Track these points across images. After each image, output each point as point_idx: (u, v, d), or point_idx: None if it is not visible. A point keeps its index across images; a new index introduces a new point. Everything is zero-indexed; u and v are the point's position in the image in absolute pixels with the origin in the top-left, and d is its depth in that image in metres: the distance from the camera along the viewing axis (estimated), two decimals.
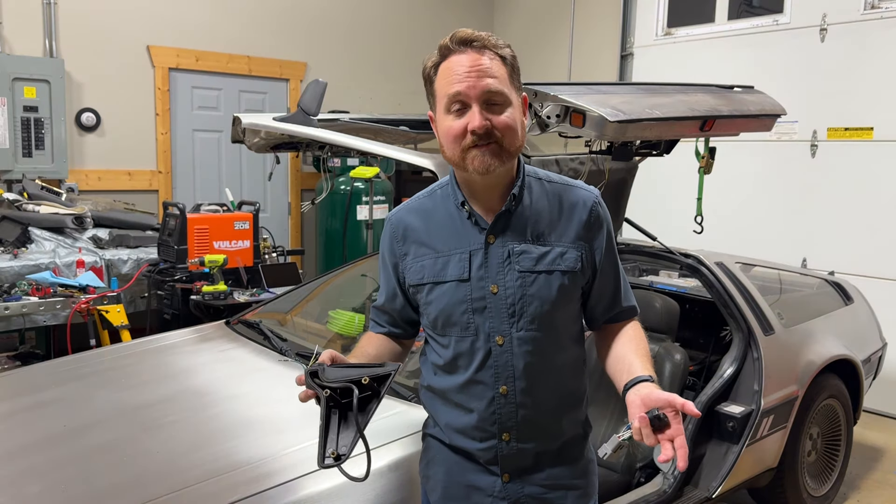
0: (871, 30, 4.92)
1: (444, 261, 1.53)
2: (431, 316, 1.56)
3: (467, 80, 1.41)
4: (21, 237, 4.38)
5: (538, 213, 1.53)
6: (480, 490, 1.57)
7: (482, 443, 1.54)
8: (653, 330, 3.00)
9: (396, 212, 1.65)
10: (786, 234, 5.34)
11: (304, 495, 1.84)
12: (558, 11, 6.97)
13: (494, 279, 1.50)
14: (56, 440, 2.12)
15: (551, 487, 1.57)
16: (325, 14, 6.55)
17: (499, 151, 1.44)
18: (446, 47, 1.46)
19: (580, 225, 1.54)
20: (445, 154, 1.50)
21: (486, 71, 1.42)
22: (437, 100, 1.49)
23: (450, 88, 1.43)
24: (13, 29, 5.07)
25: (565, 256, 1.52)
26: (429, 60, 1.50)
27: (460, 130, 1.43)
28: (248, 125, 3.29)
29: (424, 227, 1.58)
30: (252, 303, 3.84)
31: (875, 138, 4.92)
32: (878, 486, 3.78)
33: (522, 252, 1.50)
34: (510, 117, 1.45)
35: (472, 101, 1.42)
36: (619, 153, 2.79)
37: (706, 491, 2.75)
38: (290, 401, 2.38)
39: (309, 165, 6.52)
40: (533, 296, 1.50)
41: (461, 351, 1.54)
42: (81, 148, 5.41)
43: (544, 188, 1.56)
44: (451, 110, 1.44)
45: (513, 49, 1.50)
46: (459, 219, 1.54)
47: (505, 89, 1.45)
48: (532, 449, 1.54)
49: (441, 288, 1.53)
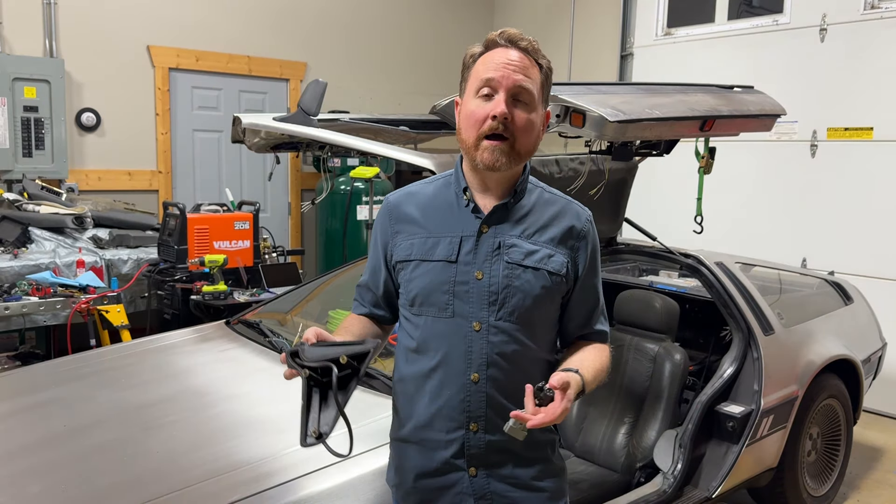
0: (871, 30, 4.92)
1: (434, 241, 1.58)
2: (411, 293, 1.59)
3: (504, 69, 1.48)
4: (21, 237, 4.38)
5: (533, 215, 1.59)
6: (448, 488, 1.59)
7: (449, 434, 1.56)
8: (653, 330, 3.00)
9: (395, 193, 1.69)
10: (786, 234, 5.34)
11: (304, 495, 1.85)
12: (558, 11, 6.97)
13: (481, 266, 1.54)
14: (56, 440, 2.12)
15: (517, 486, 1.59)
16: (325, 14, 6.55)
17: (509, 151, 1.50)
18: (493, 41, 1.53)
19: (570, 236, 1.60)
20: (461, 137, 1.55)
21: (522, 69, 1.50)
22: (468, 84, 1.54)
23: (484, 73, 1.50)
24: (13, 29, 5.07)
25: (553, 259, 1.57)
26: (471, 49, 1.56)
27: (482, 115, 1.49)
28: (248, 125, 3.28)
29: (421, 209, 1.62)
30: (252, 303, 3.84)
31: (875, 138, 4.93)
32: (878, 486, 3.78)
33: (513, 245, 1.55)
34: (530, 120, 1.51)
35: (502, 89, 1.48)
36: (619, 153, 2.79)
37: (706, 491, 2.75)
38: (290, 401, 2.39)
39: (309, 165, 6.52)
40: (517, 288, 1.54)
41: (435, 332, 1.56)
42: (81, 148, 5.41)
43: (543, 196, 1.63)
44: (480, 93, 1.50)
45: (551, 64, 1.57)
46: (458, 205, 1.59)
47: (535, 92, 1.51)
48: (499, 442, 1.55)
49: (426, 266, 1.57)
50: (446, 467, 1.58)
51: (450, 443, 1.57)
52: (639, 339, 3.00)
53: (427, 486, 1.60)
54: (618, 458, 2.82)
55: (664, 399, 2.85)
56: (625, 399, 2.94)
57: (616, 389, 2.98)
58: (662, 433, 2.78)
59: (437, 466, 1.59)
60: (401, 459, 1.65)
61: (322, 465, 1.94)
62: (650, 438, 2.80)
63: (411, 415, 1.61)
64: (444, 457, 1.58)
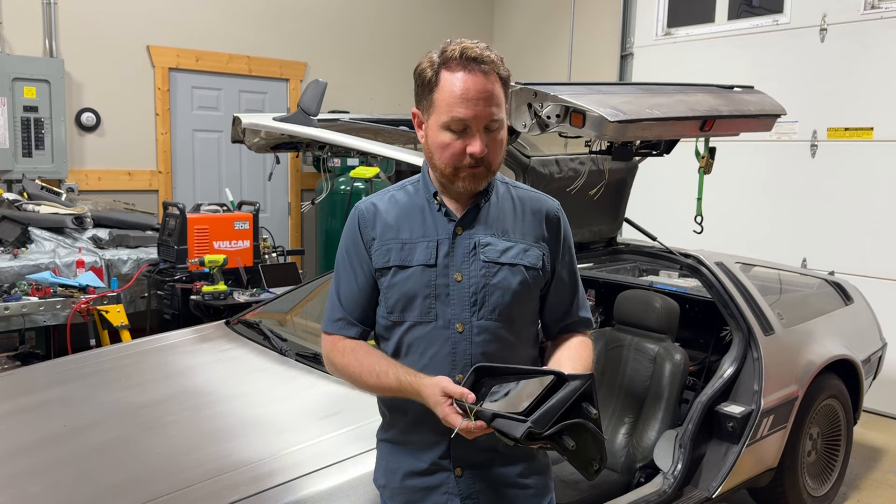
0: (871, 30, 4.92)
1: (410, 247, 1.57)
2: (391, 300, 1.58)
3: (475, 107, 1.46)
4: (21, 237, 4.38)
5: (504, 212, 1.61)
6: (435, 488, 1.59)
7: (436, 435, 1.56)
8: (653, 330, 3.00)
9: (364, 201, 1.68)
10: (786, 234, 5.34)
11: (304, 495, 1.85)
12: (558, 11, 6.97)
13: (459, 268, 1.55)
14: (56, 440, 2.13)
15: (503, 484, 1.60)
16: (325, 14, 6.55)
17: (486, 174, 1.54)
18: (454, 60, 1.47)
19: (542, 228, 1.63)
20: (433, 162, 1.55)
21: (492, 98, 1.48)
22: (435, 110, 1.50)
23: (456, 110, 1.47)
24: (13, 29, 5.07)
25: (528, 253, 1.59)
26: (428, 63, 1.51)
27: (459, 150, 1.49)
28: (248, 125, 3.29)
29: (393, 216, 1.61)
30: (252, 303, 3.84)
31: (875, 138, 4.92)
32: (878, 486, 3.78)
33: (488, 244, 1.57)
34: (501, 138, 1.53)
35: (475, 127, 1.48)
36: (619, 153, 2.79)
37: (706, 491, 2.75)
38: (290, 400, 2.40)
39: (309, 165, 6.52)
40: (495, 286, 1.55)
41: (418, 336, 1.56)
42: (81, 148, 5.41)
43: (510, 191, 1.65)
44: (452, 129, 1.49)
45: (507, 68, 1.55)
46: (429, 210, 1.60)
47: (503, 114, 1.52)
48: (484, 443, 1.54)
49: (406, 272, 1.56)
50: (433, 468, 1.59)
51: (436, 444, 1.57)
52: (639, 339, 3.00)
53: (414, 487, 1.61)
54: (618, 458, 2.82)
55: (664, 399, 2.85)
56: (625, 399, 2.94)
57: (616, 389, 2.98)
58: (662, 433, 2.78)
59: (423, 467, 1.59)
60: (388, 460, 1.65)
61: (322, 466, 1.94)
62: (650, 438, 2.80)
63: (398, 417, 1.62)
64: (431, 457, 1.58)
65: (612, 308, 3.24)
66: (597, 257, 3.32)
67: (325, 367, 2.52)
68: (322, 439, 2.08)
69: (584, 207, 3.03)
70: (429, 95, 1.52)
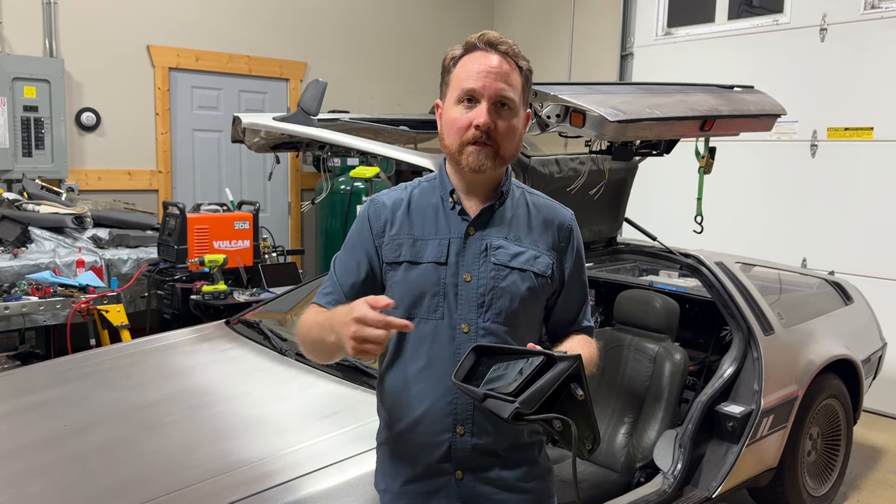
0: (871, 30, 4.92)
1: (421, 244, 1.57)
2: (399, 295, 1.56)
3: (485, 79, 1.48)
4: (21, 237, 4.38)
5: (518, 217, 1.60)
6: (435, 492, 1.58)
7: (436, 437, 1.55)
8: (653, 330, 3.00)
9: (380, 194, 1.67)
10: (786, 234, 5.34)
11: (304, 495, 1.85)
12: (558, 11, 6.97)
13: (469, 268, 1.55)
14: (56, 440, 2.12)
15: (504, 488, 1.58)
16: (325, 14, 6.55)
17: (494, 155, 1.51)
18: (472, 44, 1.52)
19: (554, 238, 1.62)
20: (444, 143, 1.55)
21: (504, 76, 1.50)
22: (450, 89, 1.54)
23: (466, 83, 1.49)
24: (13, 29, 5.07)
25: (538, 260, 1.58)
26: (451, 51, 1.55)
27: (465, 123, 1.49)
28: (248, 125, 3.28)
29: (405, 211, 1.60)
30: (252, 303, 3.84)
31: (875, 138, 4.92)
32: (878, 486, 3.78)
33: (499, 247, 1.56)
34: (513, 125, 1.52)
35: (484, 98, 1.48)
36: (619, 153, 2.79)
37: (706, 491, 2.75)
38: (290, 400, 2.40)
39: (309, 165, 6.51)
40: (504, 289, 1.54)
41: (422, 334, 1.55)
42: (81, 148, 5.41)
43: (525, 197, 1.64)
44: (461, 102, 1.50)
45: (530, 65, 1.57)
46: (443, 208, 1.59)
47: (516, 98, 1.52)
48: (486, 445, 1.55)
49: (417, 268, 1.55)
50: (433, 471, 1.57)
51: (437, 446, 1.55)
52: (639, 339, 3.00)
53: (415, 491, 1.59)
54: (618, 458, 2.82)
55: (664, 399, 2.85)
56: (625, 399, 2.94)
57: (616, 389, 2.98)
58: (662, 433, 2.78)
59: (424, 470, 1.58)
60: (388, 464, 1.64)
61: (322, 465, 1.94)
62: (650, 438, 2.80)
63: (398, 419, 1.60)
64: (431, 460, 1.57)
65: (612, 308, 3.24)
66: (597, 257, 3.32)
67: (325, 367, 2.55)
68: (322, 439, 2.08)
69: (584, 207, 3.03)
70: (446, 77, 1.55)
